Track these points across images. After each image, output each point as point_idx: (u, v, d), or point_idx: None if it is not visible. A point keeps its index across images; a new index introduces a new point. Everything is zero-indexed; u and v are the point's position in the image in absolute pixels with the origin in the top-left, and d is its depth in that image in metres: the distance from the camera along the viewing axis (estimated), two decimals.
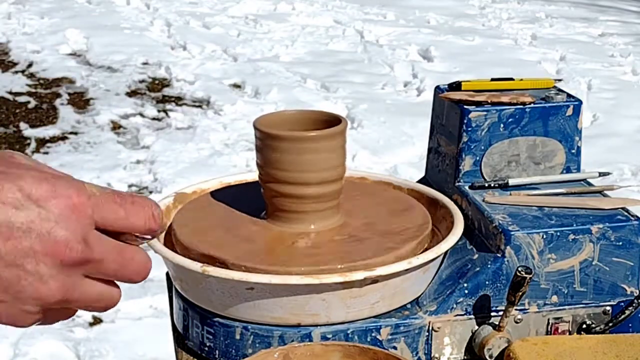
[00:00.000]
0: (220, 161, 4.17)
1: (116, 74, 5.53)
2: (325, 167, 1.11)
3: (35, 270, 0.63)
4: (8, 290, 0.63)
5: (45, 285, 0.64)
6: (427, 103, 1.52)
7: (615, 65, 5.93)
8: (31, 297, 0.64)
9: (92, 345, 2.77)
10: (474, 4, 7.82)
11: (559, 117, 1.23)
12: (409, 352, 1.08)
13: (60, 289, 0.65)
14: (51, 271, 0.63)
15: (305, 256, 1.08)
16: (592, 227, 1.10)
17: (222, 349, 1.07)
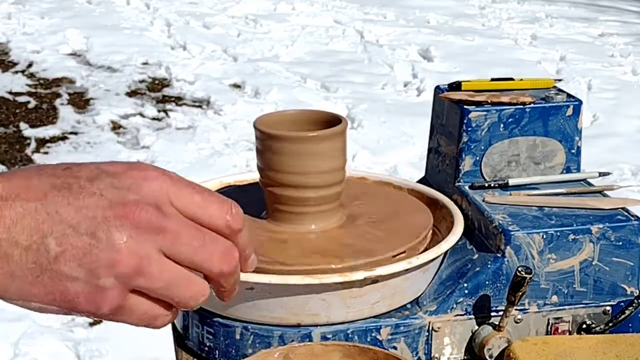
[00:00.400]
0: (220, 161, 4.17)
1: (116, 74, 5.53)
2: (326, 167, 1.11)
3: (107, 237, 0.60)
4: (82, 262, 0.60)
5: (118, 253, 0.60)
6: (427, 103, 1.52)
7: (615, 65, 5.93)
8: (105, 266, 0.60)
9: (92, 345, 2.77)
10: (474, 4, 7.82)
11: (559, 117, 1.23)
12: (409, 352, 1.08)
13: (133, 255, 0.61)
14: (123, 236, 0.61)
15: (305, 256, 1.08)
16: (592, 227, 1.10)
17: (222, 349, 1.07)
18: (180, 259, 0.64)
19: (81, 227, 0.60)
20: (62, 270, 0.60)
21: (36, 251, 0.60)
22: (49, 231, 0.60)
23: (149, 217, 0.62)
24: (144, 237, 0.62)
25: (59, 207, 0.60)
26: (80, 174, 0.62)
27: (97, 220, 0.61)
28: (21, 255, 0.60)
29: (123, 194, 0.62)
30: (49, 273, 0.60)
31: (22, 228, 0.60)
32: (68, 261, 0.60)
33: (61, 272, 0.60)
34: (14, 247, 0.60)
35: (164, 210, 0.62)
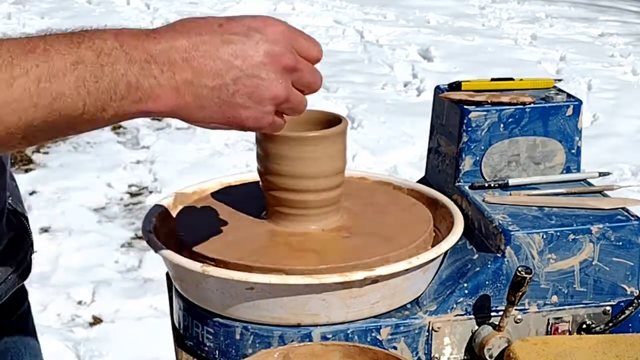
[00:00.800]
0: (220, 161, 4.17)
1: None
2: (326, 167, 1.11)
3: (267, 76, 0.86)
4: (252, 96, 0.86)
5: (276, 87, 0.87)
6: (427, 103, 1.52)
7: (615, 65, 5.93)
8: (268, 98, 0.87)
9: (92, 345, 2.77)
10: (474, 4, 7.82)
11: (559, 117, 1.23)
12: (409, 352, 1.08)
13: (285, 89, 0.88)
14: (276, 76, 0.87)
15: (304, 256, 1.08)
16: (592, 227, 1.10)
17: (222, 349, 1.07)
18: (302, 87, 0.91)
19: (248, 71, 0.85)
20: (237, 102, 0.86)
21: (219, 90, 0.85)
22: (227, 75, 0.85)
23: (290, 62, 0.88)
24: (287, 76, 0.88)
25: (231, 58, 0.84)
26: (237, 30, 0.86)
27: (259, 66, 0.86)
28: (208, 93, 0.85)
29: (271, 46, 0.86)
30: (228, 104, 0.86)
31: (207, 74, 0.84)
32: (242, 95, 0.86)
33: (237, 103, 0.86)
34: (203, 88, 0.84)
35: (295, 56, 0.89)
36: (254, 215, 1.17)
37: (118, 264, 3.29)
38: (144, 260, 3.28)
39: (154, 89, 0.82)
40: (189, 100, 0.84)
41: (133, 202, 3.86)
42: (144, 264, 3.26)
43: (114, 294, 3.06)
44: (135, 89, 0.81)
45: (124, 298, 3.03)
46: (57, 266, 3.20)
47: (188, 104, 0.84)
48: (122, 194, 3.94)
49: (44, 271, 3.13)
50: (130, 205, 3.83)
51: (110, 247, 3.40)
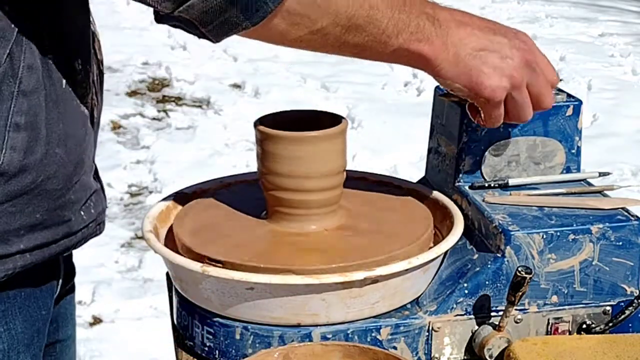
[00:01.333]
0: (220, 161, 4.17)
1: (116, 74, 5.53)
2: (326, 167, 1.11)
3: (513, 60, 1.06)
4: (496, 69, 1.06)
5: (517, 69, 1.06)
6: (427, 103, 1.52)
7: (615, 65, 5.94)
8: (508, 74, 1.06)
9: (92, 345, 2.77)
10: (474, 4, 7.81)
11: (559, 117, 1.23)
12: (409, 352, 1.08)
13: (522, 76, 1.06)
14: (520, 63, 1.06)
15: (305, 256, 1.08)
16: (592, 227, 1.10)
17: (222, 349, 1.07)
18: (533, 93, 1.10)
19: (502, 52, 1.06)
20: (484, 70, 1.05)
21: (474, 56, 1.05)
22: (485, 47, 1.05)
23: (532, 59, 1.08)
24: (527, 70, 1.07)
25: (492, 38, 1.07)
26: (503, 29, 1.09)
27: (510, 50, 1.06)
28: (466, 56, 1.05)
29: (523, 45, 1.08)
30: (476, 69, 1.05)
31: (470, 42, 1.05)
32: (489, 66, 1.05)
33: (483, 71, 1.05)
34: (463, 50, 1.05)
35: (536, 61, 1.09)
36: (254, 215, 1.17)
37: (118, 264, 3.29)
38: (144, 260, 3.28)
39: (431, 37, 1.03)
40: (450, 56, 1.04)
41: (133, 202, 3.86)
42: (144, 264, 3.26)
43: (114, 294, 3.06)
44: (421, 30, 1.02)
45: (124, 298, 3.03)
46: None
47: (448, 59, 1.04)
48: (122, 194, 3.94)
49: None
50: (130, 205, 3.83)
51: (110, 247, 3.40)
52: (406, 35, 1.02)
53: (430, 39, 1.03)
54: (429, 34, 1.03)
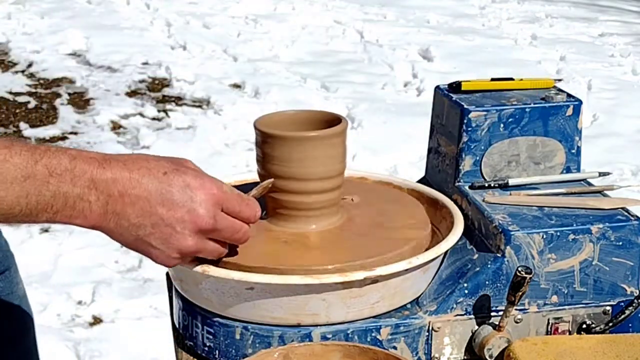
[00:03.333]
0: (220, 161, 4.16)
1: (116, 74, 5.52)
2: (326, 167, 1.11)
3: (182, 231, 0.98)
4: (164, 242, 0.98)
5: (187, 242, 0.98)
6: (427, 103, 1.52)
7: (615, 65, 5.93)
8: (176, 248, 0.99)
9: (92, 345, 2.77)
10: (474, 4, 7.81)
11: (559, 117, 1.23)
12: (409, 352, 1.08)
13: (195, 245, 0.99)
14: (190, 233, 0.98)
15: (305, 256, 1.08)
16: (592, 227, 1.10)
17: (222, 349, 1.07)
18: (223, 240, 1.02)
19: (168, 221, 0.97)
20: (150, 242, 0.98)
21: (138, 227, 0.97)
22: (149, 219, 0.96)
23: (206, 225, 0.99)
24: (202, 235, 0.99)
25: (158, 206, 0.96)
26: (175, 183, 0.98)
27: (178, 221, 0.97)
28: (129, 227, 0.97)
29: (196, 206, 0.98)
30: (142, 241, 0.98)
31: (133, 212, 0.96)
32: (156, 239, 0.98)
33: (149, 243, 0.98)
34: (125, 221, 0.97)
35: (217, 219, 0.99)
36: None
37: (118, 264, 3.29)
38: (144, 260, 3.27)
39: (85, 211, 0.95)
40: (112, 227, 0.97)
41: None
42: (144, 264, 3.26)
43: (114, 294, 3.06)
44: (70, 208, 0.95)
45: (124, 298, 3.03)
46: (57, 266, 3.20)
47: (110, 229, 0.98)
48: None
49: (44, 271, 3.13)
50: None
51: (110, 247, 3.39)
52: (50, 215, 0.94)
53: (83, 214, 0.95)
54: (81, 210, 0.95)
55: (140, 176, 0.96)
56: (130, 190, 0.96)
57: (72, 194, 0.94)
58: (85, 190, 0.94)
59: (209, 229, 0.99)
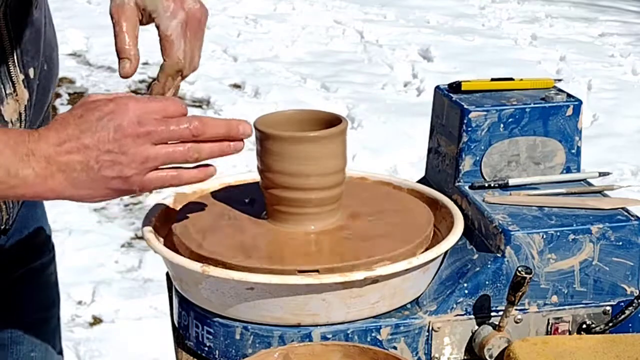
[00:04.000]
0: (220, 161, 4.16)
1: (116, 74, 5.50)
2: (326, 167, 1.11)
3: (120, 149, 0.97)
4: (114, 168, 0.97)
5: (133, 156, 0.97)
6: (427, 103, 1.52)
7: (615, 65, 5.93)
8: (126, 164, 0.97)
9: (92, 345, 2.77)
10: (474, 4, 7.81)
11: (559, 117, 1.23)
12: (409, 352, 1.08)
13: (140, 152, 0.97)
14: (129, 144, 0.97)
15: (305, 256, 1.08)
16: (592, 227, 1.10)
17: (222, 349, 1.07)
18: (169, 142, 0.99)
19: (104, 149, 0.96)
20: (104, 175, 0.97)
21: (87, 171, 0.97)
22: (90, 158, 0.97)
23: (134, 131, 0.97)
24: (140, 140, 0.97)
25: (89, 143, 0.96)
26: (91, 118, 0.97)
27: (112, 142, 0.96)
28: (79, 175, 0.97)
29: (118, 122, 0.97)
30: (99, 180, 0.98)
31: (74, 161, 0.97)
32: (106, 169, 0.97)
33: (104, 176, 0.97)
34: (73, 172, 0.97)
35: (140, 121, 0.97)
36: (254, 216, 1.17)
37: (118, 264, 3.29)
38: (144, 260, 3.28)
39: (28, 178, 0.97)
40: (66, 184, 0.98)
41: (133, 202, 3.86)
42: (144, 264, 3.26)
43: (114, 294, 3.06)
44: (13, 177, 0.96)
45: (124, 298, 3.03)
46: (57, 266, 3.20)
47: (65, 187, 0.98)
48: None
49: None
50: (130, 205, 3.83)
51: (110, 247, 3.40)
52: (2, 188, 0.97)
53: (27, 182, 0.97)
54: (24, 177, 0.97)
55: (63, 129, 0.97)
56: (60, 148, 0.96)
57: (13, 163, 0.96)
58: (25, 158, 0.96)
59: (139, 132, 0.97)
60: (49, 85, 1.28)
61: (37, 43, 1.23)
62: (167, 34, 1.12)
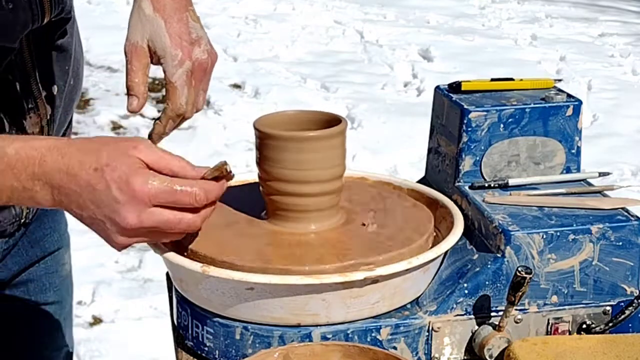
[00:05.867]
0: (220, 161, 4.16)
1: (116, 74, 5.52)
2: (325, 167, 1.11)
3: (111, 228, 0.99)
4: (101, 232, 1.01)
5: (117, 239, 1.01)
6: (427, 103, 1.52)
7: (615, 65, 5.93)
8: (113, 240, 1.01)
9: (92, 345, 2.77)
10: (474, 4, 7.82)
11: (559, 117, 1.23)
12: (409, 352, 1.08)
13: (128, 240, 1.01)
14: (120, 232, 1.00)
15: (305, 256, 1.08)
16: (592, 227, 1.10)
17: (222, 349, 1.07)
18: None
19: (99, 217, 0.99)
20: (94, 229, 1.01)
21: (81, 217, 1.00)
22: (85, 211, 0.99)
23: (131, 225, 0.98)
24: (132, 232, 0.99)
25: (89, 203, 0.98)
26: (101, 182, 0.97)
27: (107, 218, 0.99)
28: (75, 215, 1.00)
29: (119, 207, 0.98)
30: (89, 226, 1.01)
31: (73, 204, 0.99)
32: (96, 228, 1.01)
33: (94, 229, 1.01)
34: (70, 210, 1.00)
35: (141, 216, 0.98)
36: (254, 216, 1.17)
37: (118, 264, 3.29)
38: (144, 260, 3.28)
39: (36, 198, 1.00)
40: (66, 209, 1.02)
41: None
42: (144, 264, 3.26)
43: (114, 294, 3.06)
44: (20, 197, 1.00)
45: (124, 298, 3.03)
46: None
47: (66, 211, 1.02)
48: None
49: None
50: None
51: (110, 247, 3.40)
52: (5, 201, 1.01)
53: (36, 199, 1.00)
54: (32, 196, 1.00)
55: (73, 171, 0.98)
56: (66, 184, 0.99)
57: (18, 187, 0.99)
58: (30, 183, 0.99)
59: (133, 228, 0.99)
60: (73, 98, 1.33)
61: (65, 63, 1.28)
62: (172, 81, 1.16)
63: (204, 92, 1.21)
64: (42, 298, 1.46)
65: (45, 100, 1.24)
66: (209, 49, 1.20)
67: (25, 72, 1.20)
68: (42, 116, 1.24)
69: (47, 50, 1.24)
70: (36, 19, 1.15)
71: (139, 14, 1.18)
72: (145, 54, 1.17)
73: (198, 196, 1.01)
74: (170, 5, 1.18)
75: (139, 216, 0.98)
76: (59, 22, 1.24)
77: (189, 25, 1.19)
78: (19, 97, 1.20)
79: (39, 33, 1.19)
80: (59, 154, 0.99)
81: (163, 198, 0.99)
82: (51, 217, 1.45)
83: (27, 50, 1.20)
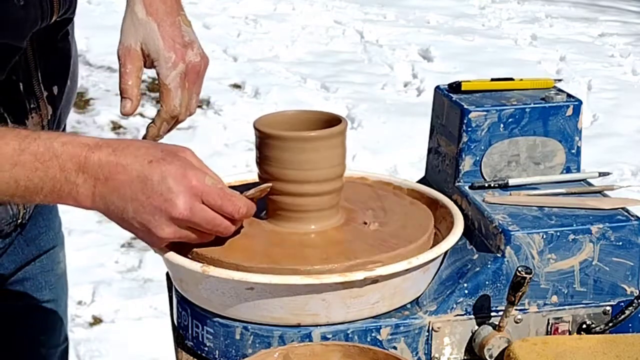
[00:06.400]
0: (220, 161, 4.16)
1: (116, 74, 5.47)
2: (325, 167, 1.11)
3: (159, 219, 1.00)
4: (143, 228, 1.01)
5: (163, 230, 1.01)
6: (427, 103, 1.52)
7: (615, 65, 5.93)
8: (155, 233, 1.01)
9: (92, 345, 2.77)
10: (474, 4, 7.81)
11: (559, 117, 1.23)
12: (409, 352, 1.08)
13: (172, 233, 1.02)
14: (167, 222, 1.00)
15: (305, 256, 1.08)
16: (592, 227, 1.10)
17: (222, 349, 1.07)
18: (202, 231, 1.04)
19: (147, 209, 0.99)
20: (134, 225, 1.01)
21: (122, 210, 1.00)
22: (131, 204, 1.00)
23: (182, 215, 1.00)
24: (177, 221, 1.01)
25: (139, 194, 0.99)
26: (156, 172, 0.99)
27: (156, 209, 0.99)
28: (115, 209, 1.00)
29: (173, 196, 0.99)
30: (127, 223, 1.01)
31: (118, 196, 1.00)
32: (138, 223, 1.01)
33: (134, 225, 1.01)
34: (111, 204, 1.00)
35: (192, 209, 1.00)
36: (253, 215, 1.17)
37: (118, 264, 3.29)
38: (144, 260, 3.28)
39: (73, 193, 1.00)
40: (102, 208, 1.01)
41: None
42: (144, 264, 3.26)
43: (114, 294, 3.06)
44: (59, 190, 1.00)
45: (124, 298, 3.03)
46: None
47: (101, 210, 1.02)
48: None
49: None
50: None
51: (110, 247, 3.40)
52: (42, 197, 1.01)
53: (73, 194, 1.01)
54: (69, 193, 1.01)
55: (126, 162, 1.00)
56: (115, 175, 0.99)
57: (59, 178, 1.00)
58: (73, 174, 0.99)
59: (183, 219, 1.00)
60: (71, 98, 1.35)
61: (64, 65, 1.30)
62: (166, 83, 1.19)
63: (197, 95, 1.24)
64: (38, 296, 1.47)
65: (46, 101, 1.25)
66: (201, 53, 1.21)
67: (28, 72, 1.21)
68: (43, 116, 1.24)
69: (49, 51, 1.24)
70: (45, 16, 1.16)
71: (132, 17, 1.20)
72: (139, 57, 1.19)
73: (241, 209, 1.03)
74: (162, 9, 1.20)
75: (192, 208, 1.00)
76: (62, 22, 1.25)
77: (182, 29, 1.21)
78: (22, 97, 1.20)
79: (43, 33, 1.20)
80: (111, 148, 1.00)
81: (213, 199, 1.01)
82: (46, 216, 1.45)
83: (31, 50, 1.20)
